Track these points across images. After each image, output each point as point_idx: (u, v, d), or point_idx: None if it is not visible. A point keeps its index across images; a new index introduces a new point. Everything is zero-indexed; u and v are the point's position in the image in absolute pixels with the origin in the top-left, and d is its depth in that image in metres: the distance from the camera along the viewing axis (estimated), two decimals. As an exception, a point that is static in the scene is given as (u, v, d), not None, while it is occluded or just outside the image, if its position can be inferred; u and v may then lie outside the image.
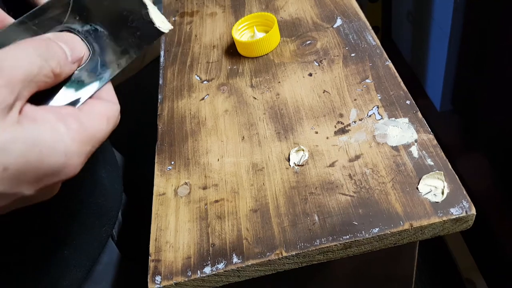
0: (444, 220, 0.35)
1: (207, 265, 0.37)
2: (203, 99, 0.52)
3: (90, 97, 0.25)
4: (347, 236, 0.35)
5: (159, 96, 0.55)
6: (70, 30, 0.25)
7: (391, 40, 1.70)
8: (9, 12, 0.38)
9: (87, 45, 0.25)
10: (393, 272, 0.55)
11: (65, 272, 0.41)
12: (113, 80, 0.30)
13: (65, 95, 0.24)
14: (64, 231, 0.40)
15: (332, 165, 0.41)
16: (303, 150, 0.43)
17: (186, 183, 0.44)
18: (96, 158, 0.48)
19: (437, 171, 0.37)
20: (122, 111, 0.28)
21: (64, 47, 0.22)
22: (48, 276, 0.39)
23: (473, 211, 0.35)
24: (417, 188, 0.37)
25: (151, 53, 2.08)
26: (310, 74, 0.51)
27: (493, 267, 1.07)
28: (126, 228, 0.56)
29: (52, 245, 0.39)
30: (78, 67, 0.24)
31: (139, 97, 1.94)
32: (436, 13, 1.28)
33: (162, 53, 0.61)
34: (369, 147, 0.41)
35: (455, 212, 0.35)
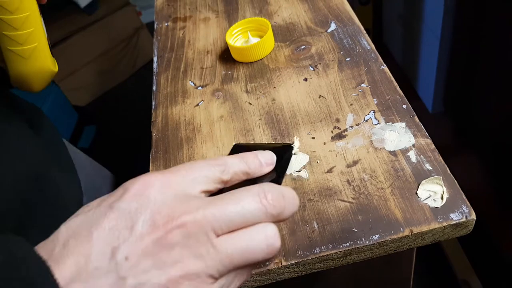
0: (444, 226, 0.34)
1: (205, 275, 0.36)
2: (197, 105, 0.52)
3: None
4: (347, 244, 0.35)
5: (153, 103, 0.54)
6: None
7: (382, 43, 1.71)
8: None
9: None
10: (391, 276, 0.54)
11: None
12: (106, 85, 0.35)
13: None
14: (16, 230, 0.40)
15: (330, 171, 0.41)
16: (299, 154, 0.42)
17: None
18: (43, 157, 0.48)
19: (435, 176, 0.37)
20: (114, 116, 0.30)
21: (261, 158, 0.33)
22: None
23: (473, 216, 0.34)
24: (416, 193, 0.37)
25: (142, 58, 2.07)
26: (306, 79, 0.51)
27: (488, 268, 1.08)
28: None
29: None
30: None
31: (131, 101, 1.92)
32: (426, 16, 1.29)
33: (155, 59, 0.61)
34: (366, 152, 0.41)
35: (455, 217, 0.35)
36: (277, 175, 0.34)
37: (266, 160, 0.33)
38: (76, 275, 0.23)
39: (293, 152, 0.38)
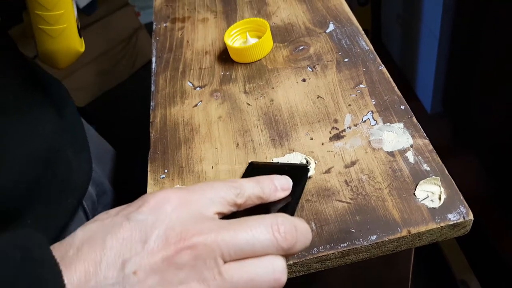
0: (442, 226, 0.34)
1: (203, 275, 0.36)
2: (196, 105, 0.52)
3: None
4: (345, 244, 0.35)
5: (151, 103, 0.54)
6: None
7: (381, 43, 1.71)
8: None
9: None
10: (389, 276, 0.54)
11: None
12: (105, 85, 0.36)
13: None
14: (23, 202, 0.41)
15: (328, 171, 0.41)
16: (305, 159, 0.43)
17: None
18: (61, 137, 0.49)
19: (433, 176, 0.37)
20: (113, 116, 0.31)
21: (276, 183, 0.33)
22: None
23: (471, 216, 0.34)
24: (414, 194, 0.37)
25: (141, 58, 2.07)
26: (304, 80, 0.51)
27: (487, 269, 1.08)
28: None
29: (13, 215, 0.41)
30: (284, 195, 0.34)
31: (130, 102, 1.92)
32: (425, 16, 1.29)
33: (153, 59, 0.61)
34: (364, 153, 0.41)
35: (453, 217, 0.35)
36: (292, 200, 0.33)
37: (282, 186, 0.33)
38: (84, 281, 0.23)
39: (308, 175, 0.39)
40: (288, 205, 0.33)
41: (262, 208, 0.32)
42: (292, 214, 0.33)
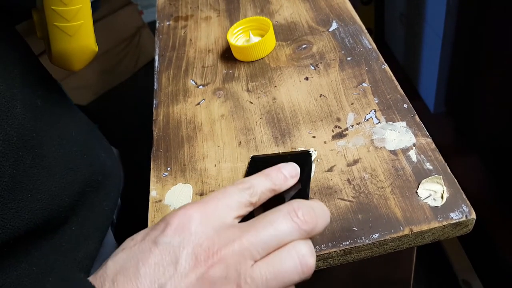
0: (444, 225, 0.34)
1: (205, 273, 0.36)
2: (199, 104, 0.52)
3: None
4: (347, 242, 0.35)
5: (154, 101, 0.54)
6: None
7: (384, 42, 1.71)
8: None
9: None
10: (391, 275, 0.54)
11: (78, 245, 0.44)
12: (107, 84, 0.35)
13: None
14: (66, 208, 0.42)
15: (330, 170, 0.41)
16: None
17: (183, 190, 0.43)
18: (94, 138, 0.50)
19: (436, 175, 0.37)
20: (115, 115, 0.32)
21: (284, 172, 0.33)
22: (62, 251, 0.42)
23: (473, 215, 0.34)
24: (416, 192, 0.37)
25: (144, 57, 2.07)
26: (307, 78, 0.51)
27: (489, 268, 1.08)
28: (122, 231, 0.56)
29: (58, 223, 0.41)
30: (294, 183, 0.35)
31: (132, 100, 1.92)
32: (428, 15, 1.28)
33: (156, 57, 0.61)
34: (367, 152, 0.41)
35: (455, 216, 0.35)
36: (302, 186, 0.34)
37: (290, 173, 0.34)
38: None
39: (312, 159, 0.40)
40: (300, 191, 0.34)
41: (276, 199, 0.33)
42: (306, 198, 0.34)
